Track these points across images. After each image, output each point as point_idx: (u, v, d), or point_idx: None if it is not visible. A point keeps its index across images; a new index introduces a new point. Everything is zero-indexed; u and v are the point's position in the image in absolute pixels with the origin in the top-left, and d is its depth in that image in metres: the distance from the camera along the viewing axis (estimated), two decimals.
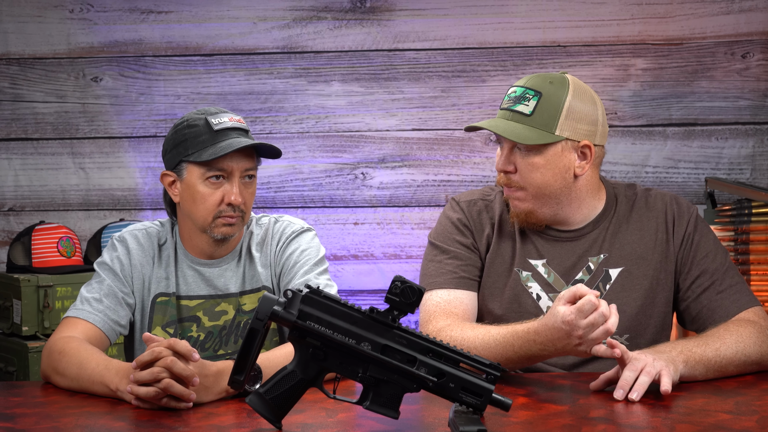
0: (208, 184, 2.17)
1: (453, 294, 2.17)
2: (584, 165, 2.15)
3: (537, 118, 2.10)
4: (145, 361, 1.81)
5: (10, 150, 3.79)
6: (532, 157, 2.12)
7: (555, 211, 2.17)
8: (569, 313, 1.82)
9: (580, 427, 1.66)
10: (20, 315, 3.34)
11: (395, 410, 1.62)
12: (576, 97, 2.12)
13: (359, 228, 3.73)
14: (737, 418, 1.69)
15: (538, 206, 2.16)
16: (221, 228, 2.19)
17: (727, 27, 3.59)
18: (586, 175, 2.17)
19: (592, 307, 1.82)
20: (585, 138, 2.13)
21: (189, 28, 3.73)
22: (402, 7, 3.68)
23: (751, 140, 3.61)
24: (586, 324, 1.82)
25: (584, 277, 2.18)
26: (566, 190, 2.15)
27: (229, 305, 2.27)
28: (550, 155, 2.12)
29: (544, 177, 2.12)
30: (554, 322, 1.85)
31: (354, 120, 3.72)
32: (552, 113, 2.10)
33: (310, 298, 1.62)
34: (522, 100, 2.12)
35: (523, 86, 2.15)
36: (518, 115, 2.12)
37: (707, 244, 2.19)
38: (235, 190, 2.17)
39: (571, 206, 2.18)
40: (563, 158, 2.12)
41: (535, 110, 2.10)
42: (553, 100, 2.11)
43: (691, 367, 1.93)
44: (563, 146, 2.12)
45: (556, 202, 2.16)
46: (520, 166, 2.13)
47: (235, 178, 2.18)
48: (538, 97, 2.11)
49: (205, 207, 2.18)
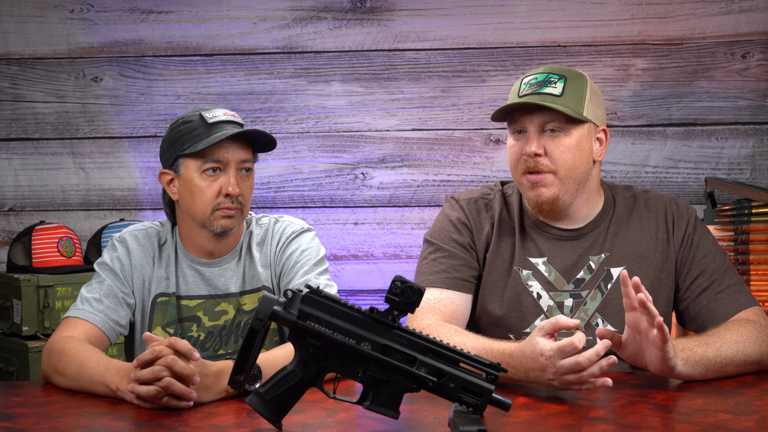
0: (205, 176, 2.18)
1: (444, 294, 2.17)
2: (601, 151, 2.19)
3: (567, 98, 2.12)
4: (146, 359, 1.81)
5: (10, 150, 3.79)
6: (563, 138, 2.13)
7: (572, 199, 2.17)
8: (549, 350, 1.81)
9: (580, 427, 1.66)
10: (20, 315, 3.34)
11: (395, 410, 1.62)
12: (592, 85, 2.18)
13: (359, 228, 3.73)
14: (737, 418, 1.69)
15: (563, 192, 2.15)
16: (220, 221, 2.20)
17: (727, 27, 3.59)
18: (597, 166, 2.21)
19: (573, 350, 1.80)
20: (602, 124, 2.18)
21: (189, 28, 3.73)
22: (402, 7, 3.69)
23: (751, 140, 3.61)
24: (561, 368, 1.81)
25: (585, 276, 2.18)
26: (586, 176, 2.17)
27: (229, 305, 2.27)
28: (578, 136, 2.13)
29: (574, 158, 2.13)
30: (531, 352, 1.84)
31: (354, 120, 3.72)
32: (580, 95, 2.14)
33: (310, 298, 1.62)
34: (548, 84, 2.14)
35: (544, 72, 2.16)
36: (549, 97, 2.12)
37: (706, 244, 2.20)
38: (232, 181, 2.18)
39: (582, 197, 2.19)
40: (589, 140, 2.16)
41: (564, 91, 2.12)
42: (578, 83, 2.14)
43: (691, 367, 1.93)
44: (588, 128, 2.15)
45: (576, 189, 2.16)
46: (551, 148, 2.13)
47: (231, 169, 2.19)
48: (564, 80, 2.14)
49: (203, 200, 2.19)
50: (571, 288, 2.17)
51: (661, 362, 1.88)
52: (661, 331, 1.83)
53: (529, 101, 2.12)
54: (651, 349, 1.88)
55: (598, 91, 2.20)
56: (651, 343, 1.87)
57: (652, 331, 1.85)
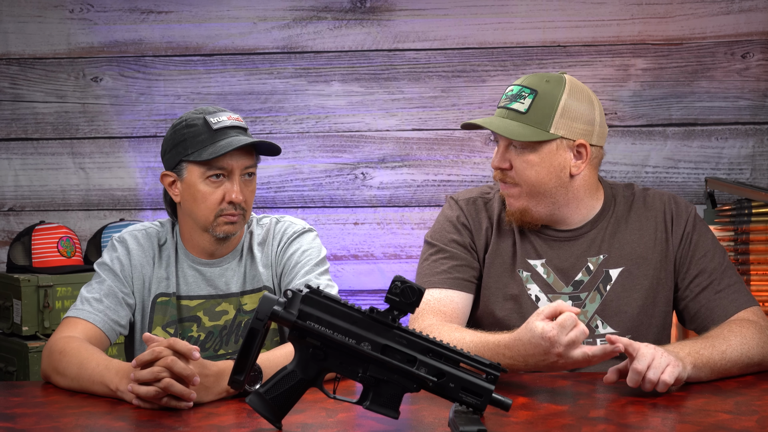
0: (209, 183, 2.17)
1: (444, 294, 2.17)
2: (580, 164, 2.15)
3: (532, 115, 2.11)
4: (146, 360, 1.81)
5: (10, 150, 3.79)
6: (527, 155, 2.12)
7: (551, 210, 2.17)
8: (551, 329, 1.81)
9: (580, 427, 1.66)
10: (20, 315, 3.34)
11: (395, 410, 1.62)
12: (572, 96, 2.13)
13: (359, 228, 3.73)
14: (737, 418, 1.69)
15: (532, 204, 2.16)
16: (223, 226, 2.20)
17: (727, 27, 3.59)
18: (584, 174, 2.17)
19: (573, 322, 1.81)
20: (581, 137, 2.13)
21: (189, 28, 3.73)
22: (402, 7, 3.68)
23: (751, 140, 3.61)
24: (567, 341, 1.82)
25: (584, 278, 2.17)
26: (562, 189, 2.15)
27: (229, 305, 2.27)
28: (545, 153, 2.12)
29: (539, 175, 2.13)
30: (531, 337, 1.85)
31: (354, 120, 3.72)
32: (547, 111, 2.11)
33: (310, 298, 1.62)
34: (518, 98, 2.13)
35: (520, 85, 2.16)
36: (514, 113, 2.13)
37: (706, 243, 2.19)
38: (236, 188, 2.17)
39: (568, 206, 2.18)
40: (558, 157, 2.13)
41: (530, 108, 2.11)
42: (549, 98, 2.12)
43: (698, 369, 1.93)
44: (558, 144, 2.12)
45: (551, 201, 2.16)
46: (515, 163, 2.14)
47: (235, 176, 2.18)
48: (534, 95, 2.12)
49: (207, 206, 2.18)
50: (569, 290, 2.17)
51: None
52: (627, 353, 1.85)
53: (485, 123, 2.14)
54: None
55: (583, 100, 2.14)
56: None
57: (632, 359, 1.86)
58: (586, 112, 2.14)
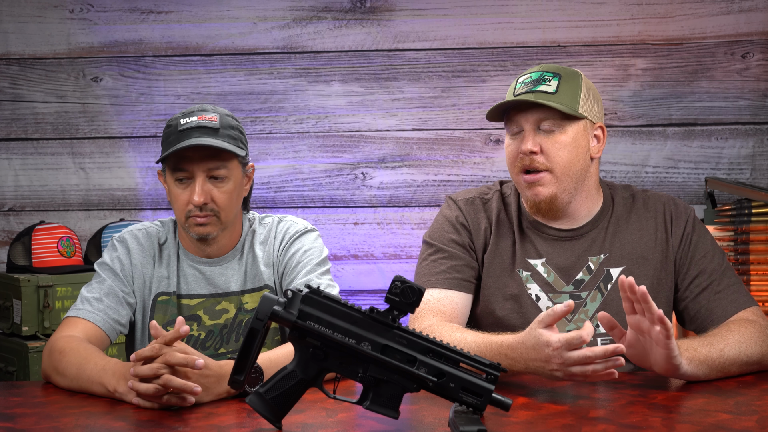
0: (178, 184, 2.20)
1: (444, 294, 2.17)
2: (599, 148, 2.19)
3: (562, 95, 2.13)
4: (145, 356, 1.81)
5: (10, 150, 3.79)
6: (558, 136, 2.13)
7: (571, 198, 2.17)
8: (556, 341, 1.81)
9: (580, 427, 1.66)
10: (20, 315, 3.34)
11: (395, 410, 1.62)
12: (587, 83, 2.18)
13: (359, 228, 3.73)
14: (737, 418, 1.69)
15: (561, 190, 2.15)
16: (194, 228, 2.21)
17: (727, 27, 3.59)
18: (595, 164, 2.20)
19: (581, 343, 1.80)
20: (599, 121, 2.18)
21: (189, 28, 3.73)
22: (402, 7, 3.69)
23: (751, 140, 3.61)
24: (569, 359, 1.81)
25: (585, 277, 2.18)
26: (584, 174, 2.17)
27: (230, 304, 2.27)
28: (574, 133, 2.14)
29: (570, 156, 2.13)
30: (535, 343, 1.84)
31: (354, 120, 3.72)
32: (574, 92, 2.14)
33: (310, 298, 1.62)
34: (542, 82, 2.14)
35: (538, 71, 2.17)
36: (543, 94, 2.13)
37: (705, 244, 2.20)
38: (198, 190, 2.17)
39: (581, 195, 2.19)
40: (585, 137, 2.16)
41: (558, 89, 2.13)
42: (572, 81, 2.15)
43: (695, 366, 1.93)
44: (584, 125, 2.16)
45: (574, 186, 2.16)
46: (546, 145, 2.13)
47: (198, 178, 2.18)
48: (558, 78, 2.14)
49: (177, 207, 2.21)
50: (570, 289, 2.17)
51: (666, 361, 1.88)
52: (663, 324, 1.83)
53: (523, 99, 2.12)
54: (655, 348, 1.88)
55: (594, 88, 2.20)
56: (655, 342, 1.87)
57: (654, 328, 1.85)
58: (599, 99, 2.21)
